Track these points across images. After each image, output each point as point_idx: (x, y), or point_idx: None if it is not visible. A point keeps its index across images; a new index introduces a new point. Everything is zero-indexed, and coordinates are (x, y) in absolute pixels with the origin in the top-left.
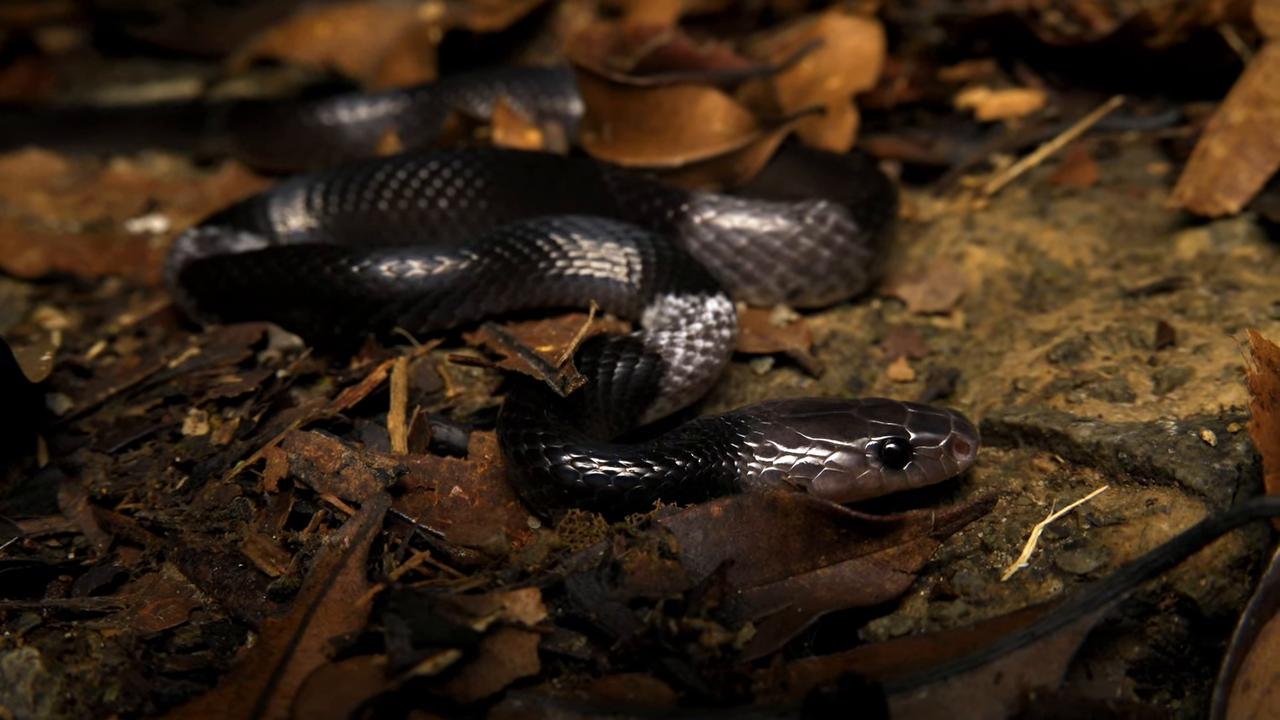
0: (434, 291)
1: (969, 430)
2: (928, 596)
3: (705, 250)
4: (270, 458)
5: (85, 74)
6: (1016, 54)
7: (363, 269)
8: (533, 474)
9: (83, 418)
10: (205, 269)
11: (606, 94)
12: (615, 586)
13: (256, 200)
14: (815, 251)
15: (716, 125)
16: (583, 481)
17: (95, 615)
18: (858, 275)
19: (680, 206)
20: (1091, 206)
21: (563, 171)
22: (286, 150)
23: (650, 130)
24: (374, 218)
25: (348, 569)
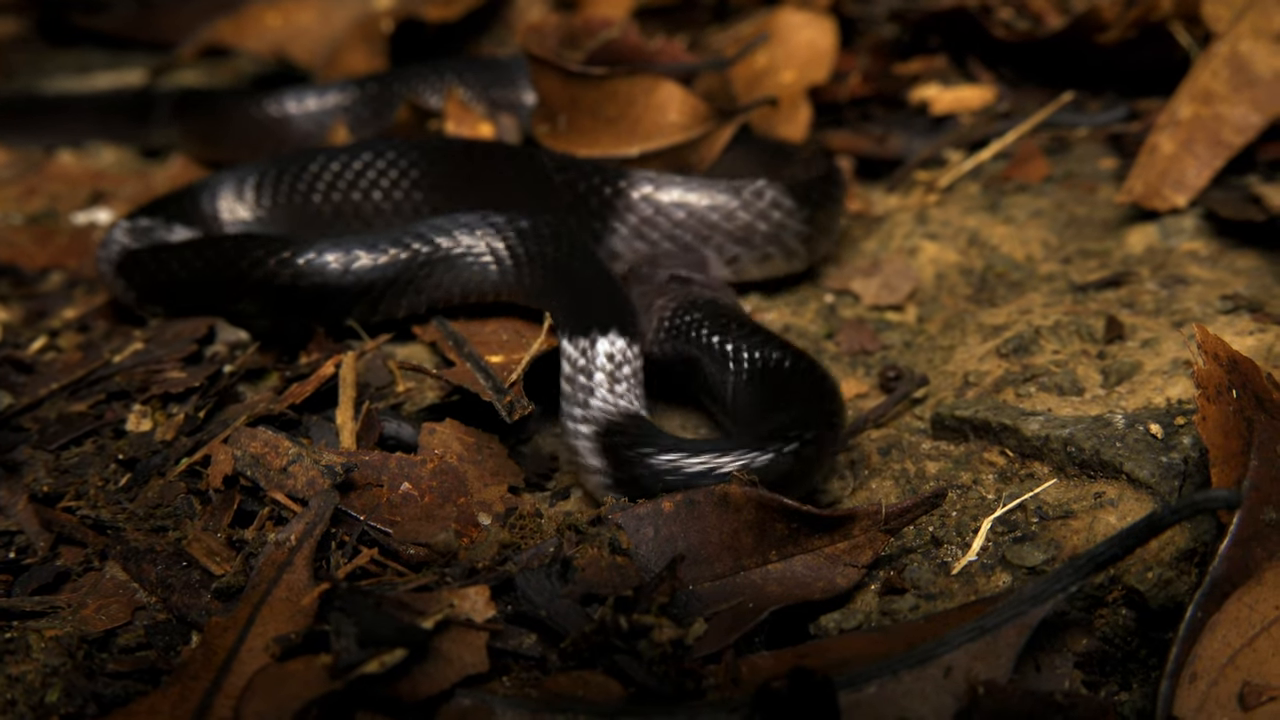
0: (380, 282)
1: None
2: (878, 590)
3: (644, 224)
4: (215, 454)
5: (30, 63)
6: (969, 49)
7: (307, 261)
8: None
9: (23, 414)
10: (144, 260)
11: (561, 84)
12: (565, 583)
13: (189, 191)
14: (752, 225)
15: (672, 115)
16: None
17: (36, 615)
18: (795, 248)
19: (618, 184)
20: (1042, 201)
21: (499, 157)
22: (234, 142)
23: (606, 120)
24: (309, 209)
25: (294, 567)
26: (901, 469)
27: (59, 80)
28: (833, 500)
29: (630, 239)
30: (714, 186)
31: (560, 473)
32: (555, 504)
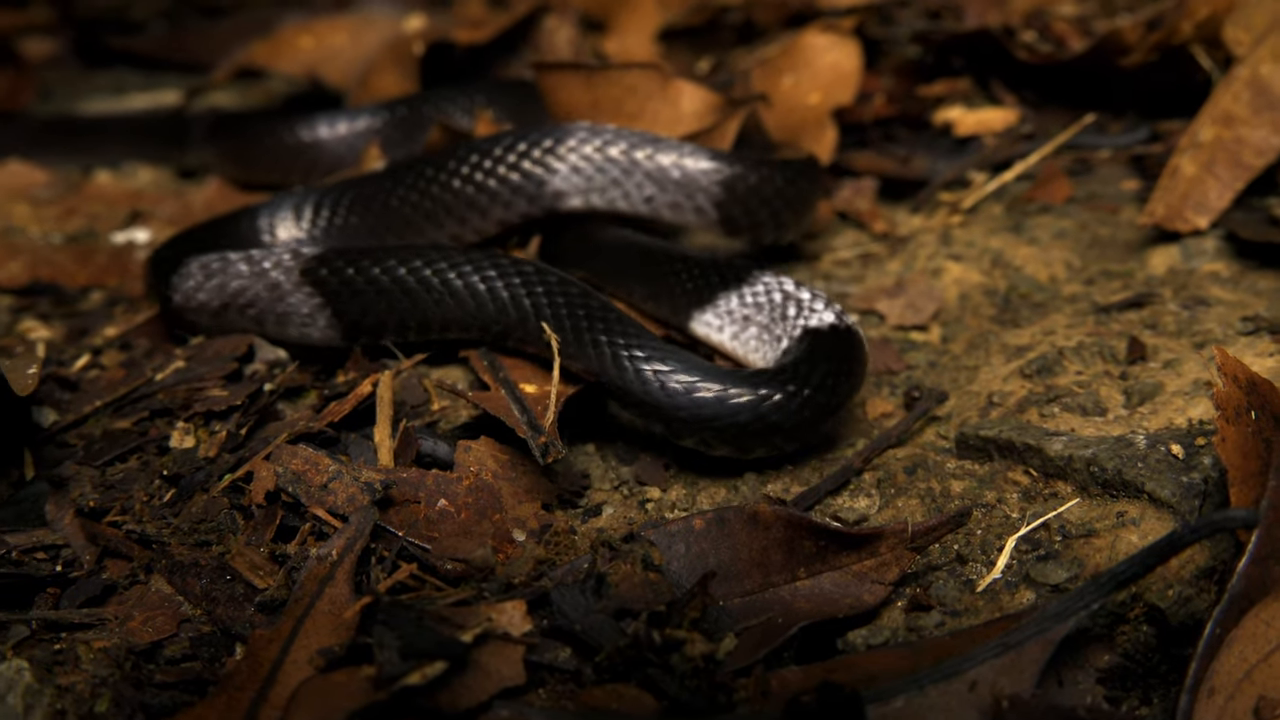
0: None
1: None
2: (905, 607)
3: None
4: (258, 471)
5: (66, 83)
6: (992, 71)
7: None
8: None
9: (69, 430)
10: (334, 263)
11: (582, 85)
12: (599, 598)
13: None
14: (665, 172)
15: (686, 106)
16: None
17: (84, 627)
18: (706, 208)
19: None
20: (1065, 222)
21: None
22: (267, 164)
23: (628, 116)
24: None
25: (335, 581)
26: (927, 488)
27: (94, 101)
28: (859, 518)
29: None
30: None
31: (591, 490)
32: (587, 521)
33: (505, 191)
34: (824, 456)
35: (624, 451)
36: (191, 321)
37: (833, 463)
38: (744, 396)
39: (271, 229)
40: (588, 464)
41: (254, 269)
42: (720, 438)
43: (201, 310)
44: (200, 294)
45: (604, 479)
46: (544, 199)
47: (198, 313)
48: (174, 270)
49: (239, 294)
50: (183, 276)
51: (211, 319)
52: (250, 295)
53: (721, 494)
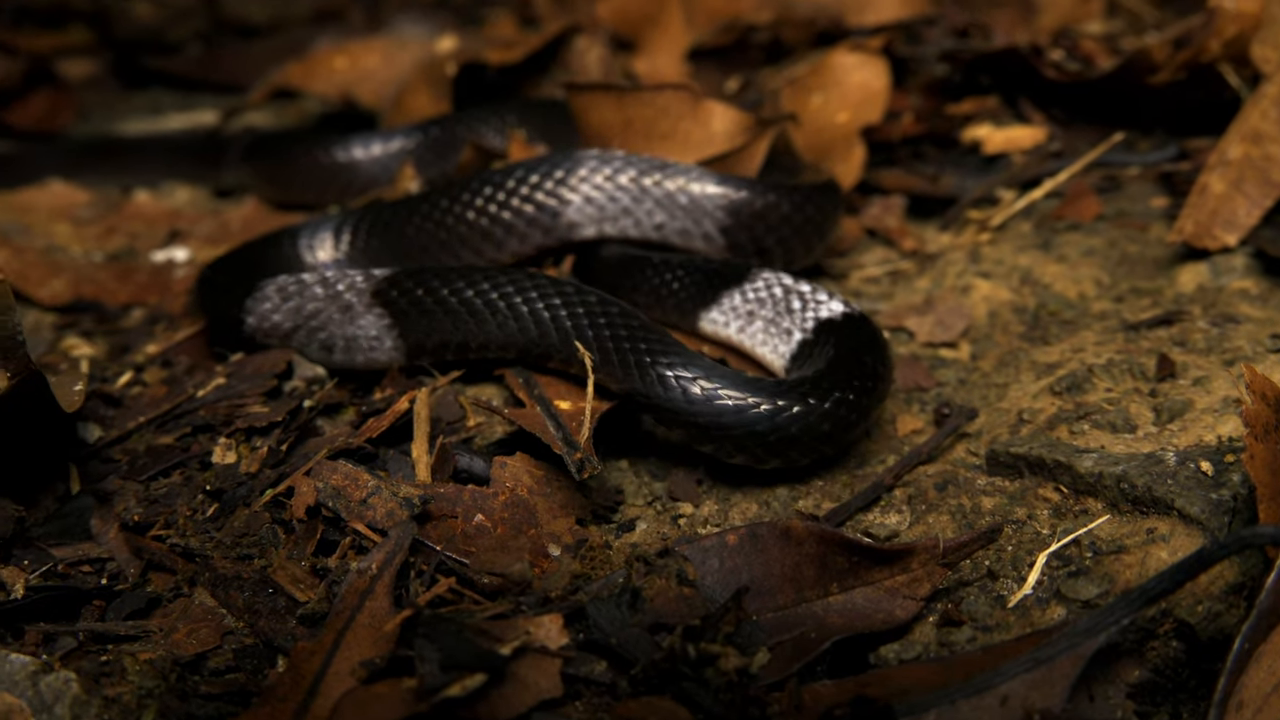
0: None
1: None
2: (936, 622)
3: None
4: (298, 486)
5: (104, 104)
6: (1020, 90)
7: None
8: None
9: (113, 446)
10: (404, 284)
11: (615, 105)
12: (635, 612)
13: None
14: (673, 198)
15: (717, 126)
16: None
17: (130, 639)
18: (713, 234)
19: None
20: (1094, 240)
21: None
22: (302, 185)
23: (660, 136)
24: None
25: (376, 595)
26: (958, 504)
27: (132, 121)
28: (891, 534)
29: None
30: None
31: (625, 505)
32: (621, 536)
33: (520, 224)
34: (854, 473)
35: (656, 467)
36: (259, 344)
37: (864, 479)
38: (762, 406)
39: (312, 250)
40: (621, 480)
41: (328, 291)
42: (737, 447)
43: (273, 332)
44: (275, 315)
45: (637, 495)
46: (559, 230)
47: (269, 335)
48: (249, 293)
49: (313, 316)
50: (258, 299)
51: (281, 341)
52: (324, 317)
53: (753, 510)
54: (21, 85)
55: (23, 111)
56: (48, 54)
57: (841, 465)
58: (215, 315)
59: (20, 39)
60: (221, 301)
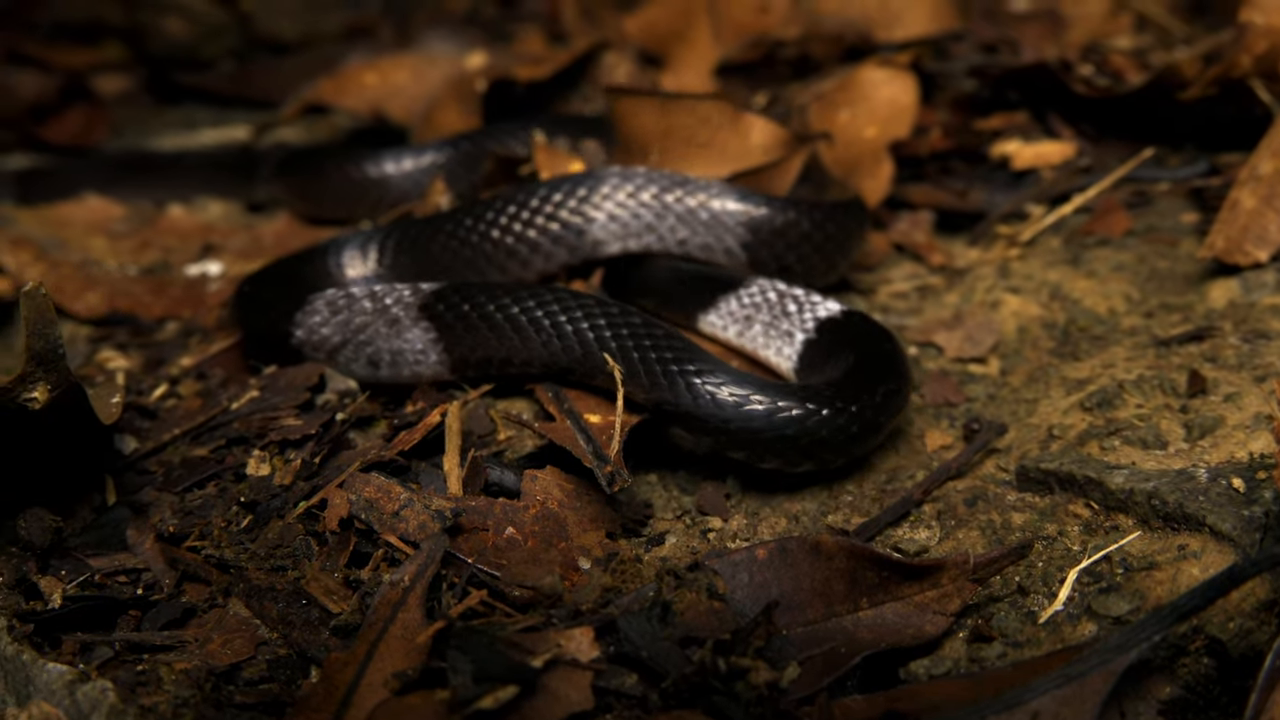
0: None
1: None
2: (966, 638)
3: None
4: (332, 498)
5: (137, 119)
6: (1049, 105)
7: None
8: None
9: (149, 457)
10: (451, 299)
11: (657, 112)
12: (665, 626)
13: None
14: (694, 214)
15: (755, 138)
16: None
17: (166, 649)
18: (734, 249)
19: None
20: (1124, 255)
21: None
22: (334, 200)
23: (699, 146)
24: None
25: (408, 606)
26: (987, 520)
27: (165, 137)
28: (920, 550)
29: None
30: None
31: (654, 519)
32: (651, 550)
33: (546, 242)
34: (884, 488)
35: (685, 481)
36: (304, 358)
37: (893, 494)
38: (793, 410)
39: (345, 265)
40: (650, 493)
41: (376, 305)
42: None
43: (320, 346)
44: (324, 329)
45: (666, 508)
46: (584, 248)
47: (316, 348)
48: (298, 306)
49: (360, 329)
50: (308, 313)
51: (327, 355)
52: (371, 331)
53: (782, 524)
54: (57, 101)
55: (58, 127)
56: (83, 70)
57: (871, 480)
58: (261, 329)
59: (56, 55)
60: (269, 315)
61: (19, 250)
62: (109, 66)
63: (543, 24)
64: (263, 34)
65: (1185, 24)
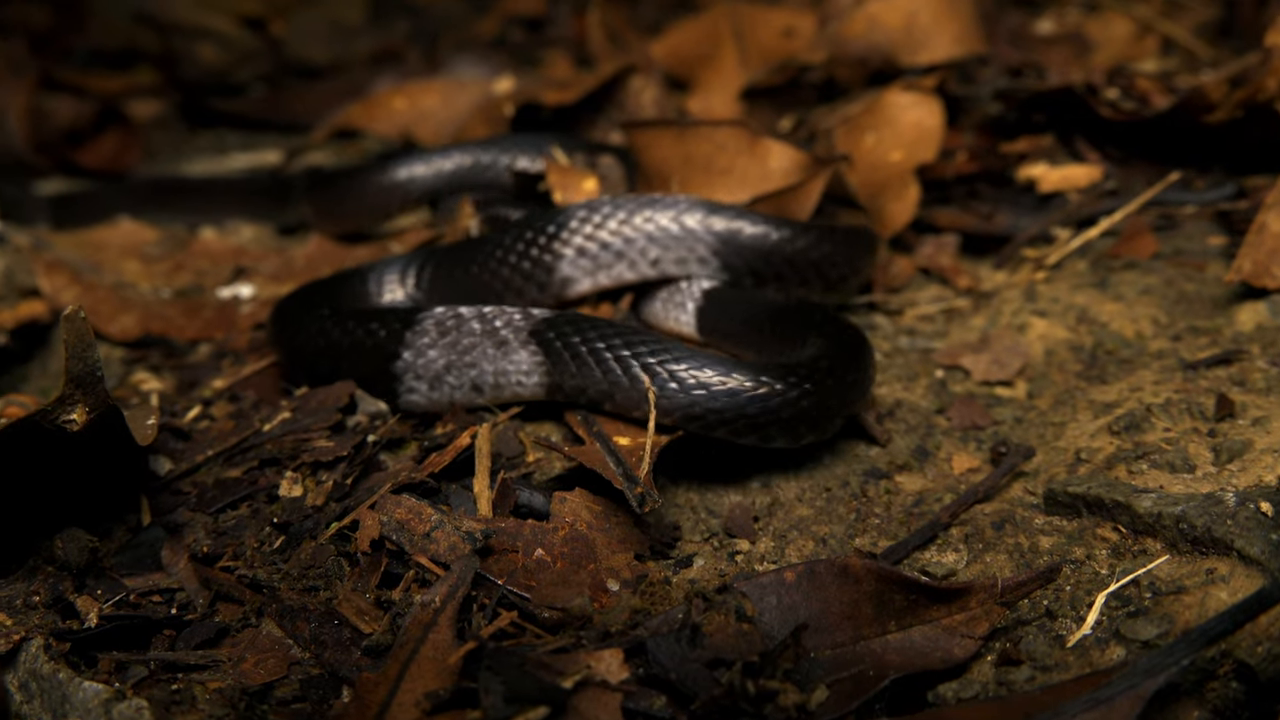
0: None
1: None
2: (994, 661)
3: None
4: (363, 520)
5: (170, 144)
6: (1075, 128)
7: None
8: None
9: (183, 478)
10: (562, 328)
11: (674, 141)
12: (694, 648)
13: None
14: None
15: (774, 163)
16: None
17: (200, 668)
18: (707, 258)
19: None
20: (1151, 278)
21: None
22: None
23: (719, 172)
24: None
25: (439, 627)
26: (1015, 543)
27: (198, 161)
28: (948, 573)
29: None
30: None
31: (682, 541)
32: (679, 572)
33: (520, 279)
34: (911, 510)
35: (713, 503)
36: (396, 381)
37: (920, 517)
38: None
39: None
40: (678, 516)
41: (486, 326)
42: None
43: (426, 369)
44: (433, 350)
45: (694, 530)
46: (553, 286)
47: (421, 373)
48: (408, 326)
49: (467, 350)
50: (418, 333)
51: (431, 380)
52: (478, 353)
53: (809, 547)
54: (92, 126)
55: (93, 152)
56: (117, 96)
57: (898, 503)
58: (362, 352)
59: (91, 81)
60: (374, 336)
61: (55, 274)
62: (142, 92)
63: (569, 49)
64: (293, 59)
65: (1211, 47)
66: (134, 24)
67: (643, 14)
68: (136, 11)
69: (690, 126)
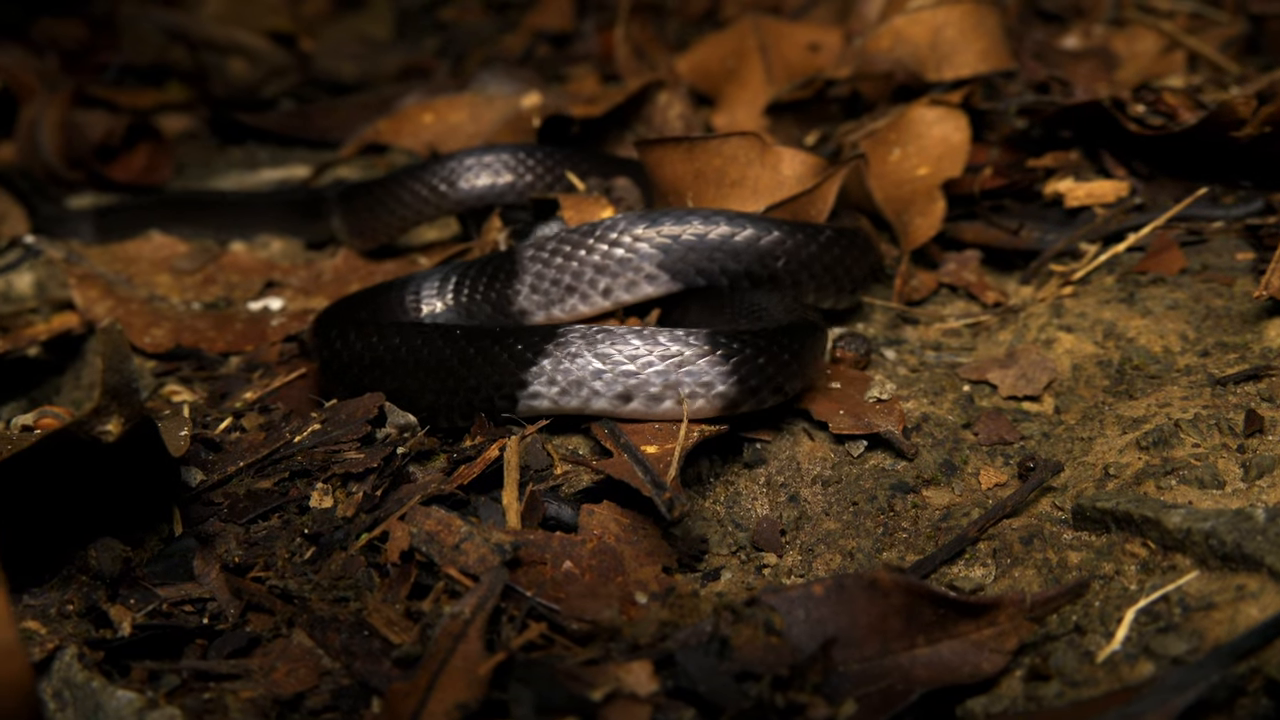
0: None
1: None
2: (1023, 676)
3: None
4: (393, 531)
5: (200, 159)
6: (1102, 143)
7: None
8: None
9: (214, 489)
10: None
11: (685, 158)
12: (723, 661)
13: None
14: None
15: (786, 170)
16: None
17: (232, 677)
18: (656, 273)
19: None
20: (1179, 294)
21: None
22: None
23: (731, 184)
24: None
25: (469, 638)
26: (1043, 558)
27: (228, 176)
28: (976, 587)
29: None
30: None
31: (709, 554)
32: (706, 585)
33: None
34: (939, 525)
35: (740, 517)
36: (524, 389)
37: (948, 531)
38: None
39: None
40: (705, 529)
41: (647, 342)
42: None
43: (579, 385)
44: (586, 366)
45: (721, 544)
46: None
47: (575, 387)
48: (549, 339)
49: (627, 361)
50: (560, 344)
51: (584, 399)
52: (641, 364)
53: (837, 561)
54: (123, 141)
55: (124, 166)
56: (148, 111)
57: (926, 517)
58: (314, 356)
59: (122, 96)
60: (315, 342)
61: (87, 286)
62: (173, 107)
63: (596, 64)
64: (322, 75)
65: (1237, 63)
66: (165, 40)
67: (669, 30)
68: (168, 28)
69: (699, 141)
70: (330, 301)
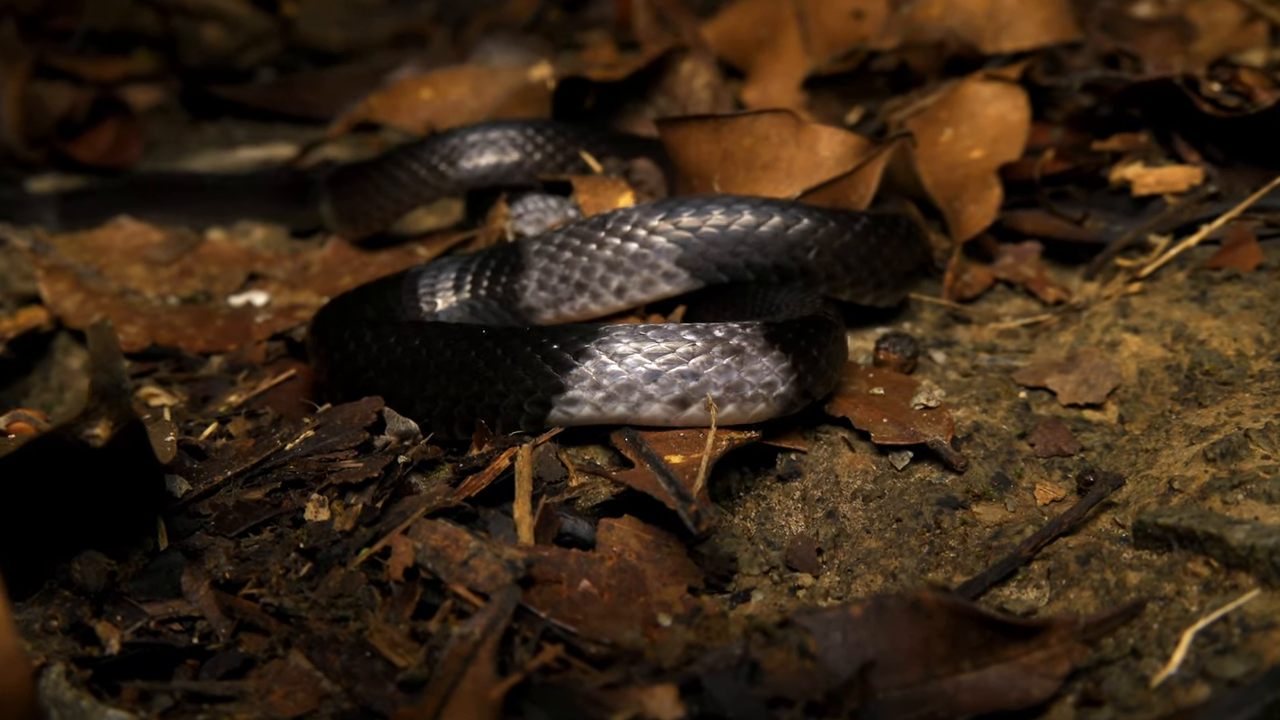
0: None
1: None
2: (1075, 702)
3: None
4: (396, 546)
5: (172, 136)
6: (1174, 125)
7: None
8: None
9: (201, 500)
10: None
11: (712, 137)
12: (753, 685)
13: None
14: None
15: (824, 150)
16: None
17: (226, 699)
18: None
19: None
20: (1254, 292)
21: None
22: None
23: (762, 167)
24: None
25: (479, 661)
26: (1101, 579)
27: (202, 155)
28: (1028, 610)
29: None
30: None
31: (739, 574)
32: (735, 606)
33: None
34: (989, 544)
35: (773, 534)
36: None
37: (999, 550)
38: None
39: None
40: (734, 547)
41: (704, 338)
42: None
43: (631, 389)
44: (638, 367)
45: (752, 563)
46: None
47: (625, 391)
48: (595, 338)
49: (683, 360)
50: (606, 343)
51: (633, 405)
52: (698, 363)
53: (878, 582)
54: (88, 116)
55: (89, 144)
56: (115, 83)
57: (975, 535)
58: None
59: (86, 67)
60: (314, 343)
61: (55, 279)
62: (141, 78)
63: (612, 31)
64: (306, 42)
65: None
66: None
67: None
68: None
69: (727, 120)
70: (320, 296)
